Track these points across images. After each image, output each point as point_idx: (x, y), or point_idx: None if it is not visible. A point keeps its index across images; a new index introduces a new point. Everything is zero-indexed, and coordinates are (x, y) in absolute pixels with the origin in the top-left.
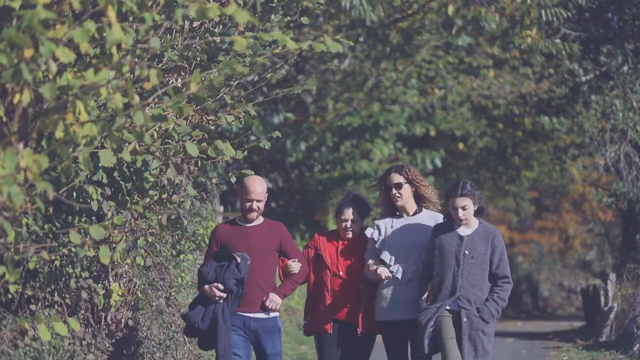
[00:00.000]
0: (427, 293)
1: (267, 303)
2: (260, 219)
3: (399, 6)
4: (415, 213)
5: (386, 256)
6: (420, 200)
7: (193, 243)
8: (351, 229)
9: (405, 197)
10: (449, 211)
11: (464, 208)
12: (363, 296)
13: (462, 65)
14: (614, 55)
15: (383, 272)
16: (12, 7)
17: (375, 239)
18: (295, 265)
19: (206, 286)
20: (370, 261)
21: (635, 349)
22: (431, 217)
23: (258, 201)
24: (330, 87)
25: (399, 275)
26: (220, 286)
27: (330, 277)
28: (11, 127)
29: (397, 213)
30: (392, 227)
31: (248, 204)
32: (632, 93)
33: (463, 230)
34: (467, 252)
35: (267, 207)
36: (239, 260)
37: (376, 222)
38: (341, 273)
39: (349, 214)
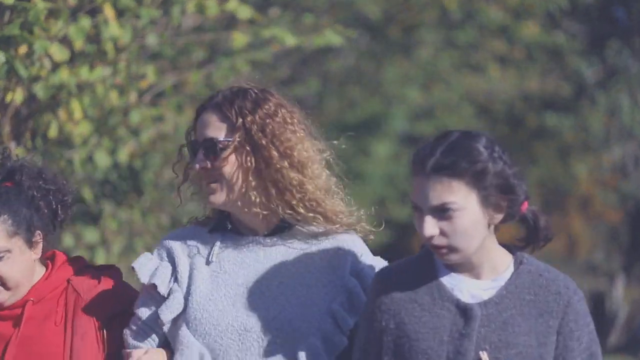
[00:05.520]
0: None
1: None
2: None
3: (398, 2)
4: (282, 230)
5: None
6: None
7: None
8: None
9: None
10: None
11: (442, 209)
12: None
13: (466, 62)
14: (621, 52)
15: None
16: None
17: (162, 289)
18: None
19: None
20: (130, 351)
21: None
22: (345, 246)
23: None
24: (329, 84)
25: None
26: None
27: None
28: (4, 126)
29: (230, 226)
30: (211, 259)
31: None
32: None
33: (469, 286)
34: (486, 355)
35: None
36: None
37: (167, 241)
38: None
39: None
